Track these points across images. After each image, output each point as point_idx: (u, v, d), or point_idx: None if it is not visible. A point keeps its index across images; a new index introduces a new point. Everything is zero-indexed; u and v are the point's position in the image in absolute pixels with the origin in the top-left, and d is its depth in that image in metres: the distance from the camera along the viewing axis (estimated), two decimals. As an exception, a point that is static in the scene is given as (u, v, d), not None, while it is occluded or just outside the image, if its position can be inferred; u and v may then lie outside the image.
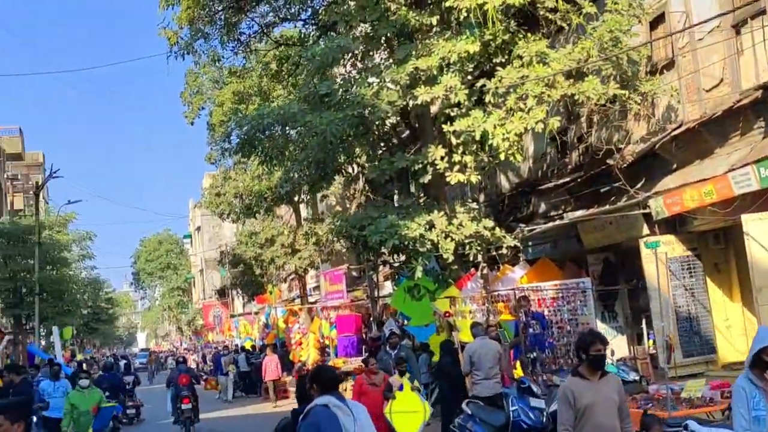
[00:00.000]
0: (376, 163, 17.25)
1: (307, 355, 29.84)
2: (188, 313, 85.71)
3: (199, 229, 77.88)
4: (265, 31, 20.96)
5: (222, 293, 68.04)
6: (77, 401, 12.81)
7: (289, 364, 30.85)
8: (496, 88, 14.09)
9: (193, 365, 43.57)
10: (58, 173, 34.60)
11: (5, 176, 46.80)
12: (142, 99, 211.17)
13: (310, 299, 34.67)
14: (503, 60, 14.88)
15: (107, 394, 23.97)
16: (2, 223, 37.78)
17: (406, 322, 20.55)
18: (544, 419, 11.10)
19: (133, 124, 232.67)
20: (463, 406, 12.02)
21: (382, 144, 18.58)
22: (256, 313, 53.45)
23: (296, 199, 32.38)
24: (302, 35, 20.94)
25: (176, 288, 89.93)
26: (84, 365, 35.25)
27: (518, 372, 14.72)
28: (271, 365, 26.96)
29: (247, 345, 41.00)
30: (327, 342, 28.93)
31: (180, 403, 19.75)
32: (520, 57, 14.22)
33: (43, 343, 40.18)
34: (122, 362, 42.48)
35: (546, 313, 15.52)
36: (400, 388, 12.07)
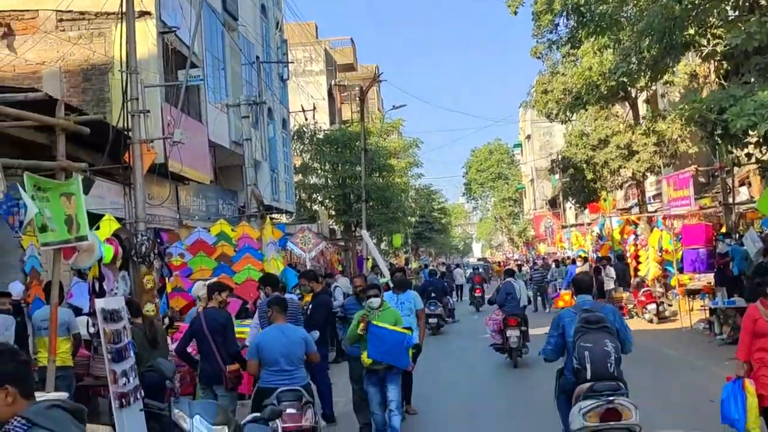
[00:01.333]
0: (741, 25, 13.28)
1: (647, 269, 26.51)
2: (519, 223, 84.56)
3: (529, 137, 75.57)
4: None
5: (553, 203, 65.63)
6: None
7: (627, 278, 27.78)
8: None
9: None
10: (381, 77, 33.87)
11: (336, 86, 47.69)
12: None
13: (650, 208, 30.83)
14: None
15: (433, 295, 24.94)
16: (332, 130, 38.11)
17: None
18: None
19: (459, 27, 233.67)
20: None
21: (746, 4, 14.49)
22: (589, 224, 50.47)
23: (633, 93, 28.46)
24: None
25: (507, 198, 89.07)
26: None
27: None
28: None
29: (582, 256, 38.41)
30: (667, 256, 25.38)
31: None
32: None
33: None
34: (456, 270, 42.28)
35: None
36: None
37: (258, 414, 6.89)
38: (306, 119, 33.84)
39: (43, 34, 18.18)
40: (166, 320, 13.19)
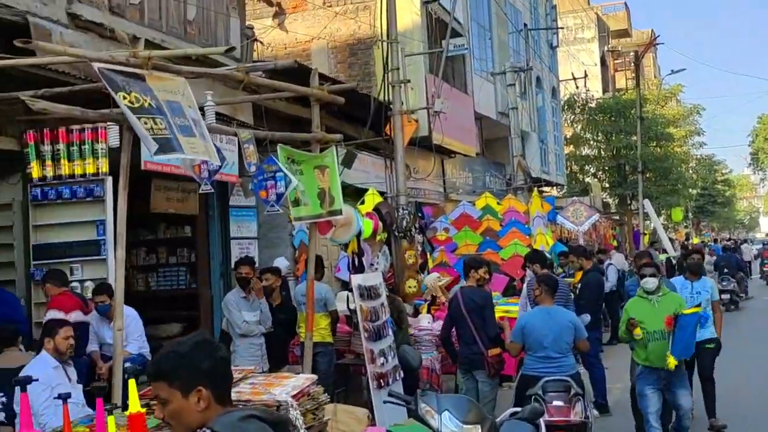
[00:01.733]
0: None
1: None
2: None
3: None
4: None
5: None
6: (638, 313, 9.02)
7: None
8: None
9: None
10: (658, 40, 31.44)
11: (609, 52, 45.22)
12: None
13: None
14: None
15: (726, 271, 23.08)
16: (605, 98, 36.13)
17: None
18: None
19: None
20: None
21: None
22: None
23: None
24: None
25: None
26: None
27: None
28: None
29: None
30: None
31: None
32: None
33: (649, 224, 38.14)
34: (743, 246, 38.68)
35: None
36: None
37: (518, 409, 6.07)
38: (577, 87, 32.25)
39: (311, 10, 18.46)
40: (429, 297, 12.73)
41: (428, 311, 11.96)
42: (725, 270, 23.10)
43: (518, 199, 18.34)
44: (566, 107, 34.19)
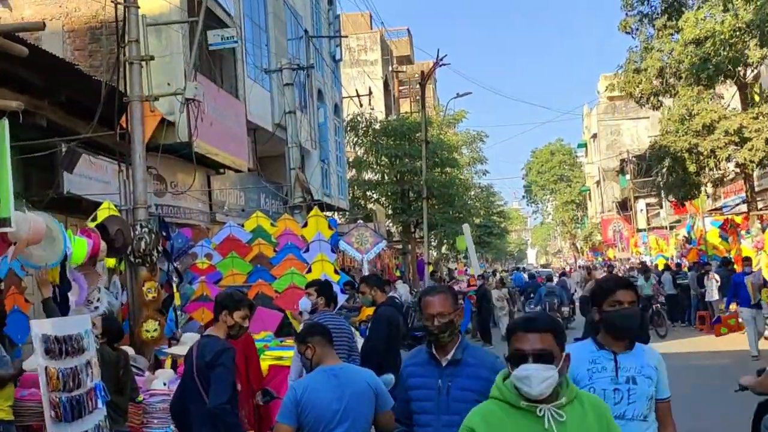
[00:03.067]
0: None
1: (760, 278, 22.28)
2: (584, 227, 79.97)
3: (595, 136, 70.97)
4: None
5: (623, 206, 61.05)
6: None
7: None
8: None
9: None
10: (444, 60, 30.13)
11: (393, 72, 44.06)
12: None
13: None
14: None
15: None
16: (389, 121, 34.42)
17: None
18: None
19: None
20: None
21: None
22: (671, 227, 46.07)
23: (741, 71, 24.28)
24: None
25: (570, 202, 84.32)
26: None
27: None
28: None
29: (659, 263, 34.24)
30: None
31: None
32: None
33: (434, 254, 36.85)
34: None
35: None
36: None
37: None
38: (361, 105, 30.19)
39: (41, -16, 14.85)
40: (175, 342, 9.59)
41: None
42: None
43: (296, 221, 15.57)
44: (348, 129, 32.08)
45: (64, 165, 9.96)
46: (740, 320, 17.37)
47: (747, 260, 18.79)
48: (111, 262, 9.83)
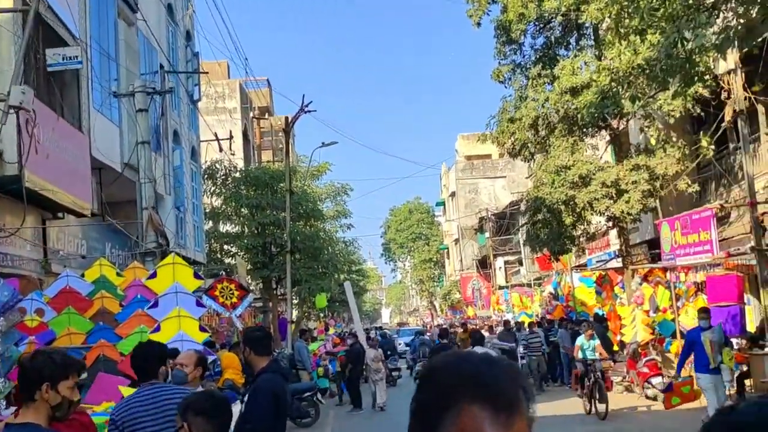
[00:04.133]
0: None
1: (633, 333, 21.63)
2: (442, 286, 79.83)
3: (453, 194, 71.29)
4: None
5: (483, 263, 61.04)
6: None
7: (609, 343, 22.79)
8: None
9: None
10: (309, 107, 28.56)
11: (254, 119, 42.17)
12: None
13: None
14: None
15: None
16: (250, 169, 32.38)
17: None
18: None
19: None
20: None
21: None
22: (531, 284, 45.91)
23: (614, 123, 23.97)
24: None
25: (428, 260, 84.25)
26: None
27: None
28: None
29: (524, 320, 33.61)
30: (662, 316, 20.80)
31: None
32: None
33: (295, 313, 34.74)
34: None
35: None
36: None
37: None
38: (221, 149, 28.06)
39: None
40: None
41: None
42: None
43: (147, 269, 13.31)
44: (207, 176, 29.84)
45: None
46: (696, 387, 14.91)
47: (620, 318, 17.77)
48: None
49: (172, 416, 4.57)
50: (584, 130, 23.71)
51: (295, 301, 34.39)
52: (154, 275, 12.24)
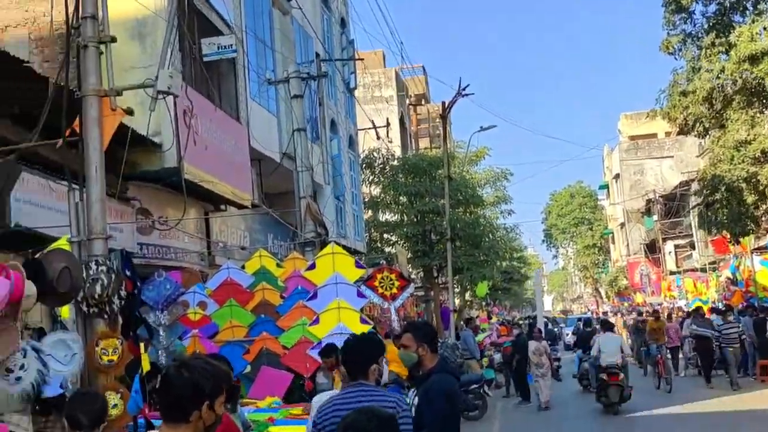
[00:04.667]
0: None
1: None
2: (607, 272, 76.93)
3: (617, 176, 68.37)
4: None
5: (651, 248, 58.23)
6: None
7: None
8: None
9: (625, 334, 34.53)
10: (466, 91, 27.75)
11: (411, 106, 41.77)
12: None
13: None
14: None
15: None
16: (408, 157, 31.92)
17: None
18: None
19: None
20: None
21: None
22: (705, 269, 43.22)
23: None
24: None
25: (591, 245, 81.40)
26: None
27: None
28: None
29: (700, 307, 31.43)
30: None
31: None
32: None
33: (457, 301, 34.06)
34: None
35: None
36: None
37: None
38: (378, 137, 27.70)
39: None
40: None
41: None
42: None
43: (306, 260, 12.95)
44: (365, 165, 29.61)
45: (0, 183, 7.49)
46: None
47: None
48: (65, 312, 7.30)
49: None
50: (765, 101, 21.74)
51: (456, 290, 33.73)
52: (313, 266, 11.85)
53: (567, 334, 42.34)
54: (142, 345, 7.08)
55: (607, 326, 19.24)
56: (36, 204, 9.14)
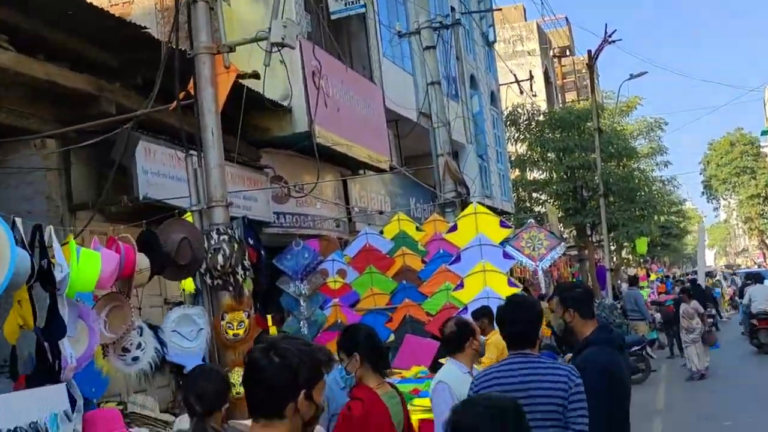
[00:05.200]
0: None
1: None
2: (777, 222, 72.34)
3: (783, 120, 63.76)
4: None
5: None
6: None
7: None
8: None
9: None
10: (614, 37, 26.12)
11: (555, 57, 40.12)
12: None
13: None
14: None
15: None
16: (554, 111, 30.55)
17: None
18: None
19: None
20: None
21: None
22: None
23: None
24: None
25: (755, 195, 76.62)
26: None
27: None
28: None
29: None
30: None
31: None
32: None
33: (613, 260, 32.55)
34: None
35: None
36: None
37: None
38: (521, 92, 26.53)
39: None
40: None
41: None
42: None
43: (447, 222, 12.26)
44: (509, 122, 28.52)
45: (118, 155, 7.21)
46: None
47: None
48: (189, 285, 6.93)
49: (539, 396, 4.00)
50: None
51: (612, 248, 32.23)
52: (454, 228, 11.17)
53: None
54: (269, 317, 6.63)
55: (757, 278, 22.27)
56: (164, 175, 8.87)
